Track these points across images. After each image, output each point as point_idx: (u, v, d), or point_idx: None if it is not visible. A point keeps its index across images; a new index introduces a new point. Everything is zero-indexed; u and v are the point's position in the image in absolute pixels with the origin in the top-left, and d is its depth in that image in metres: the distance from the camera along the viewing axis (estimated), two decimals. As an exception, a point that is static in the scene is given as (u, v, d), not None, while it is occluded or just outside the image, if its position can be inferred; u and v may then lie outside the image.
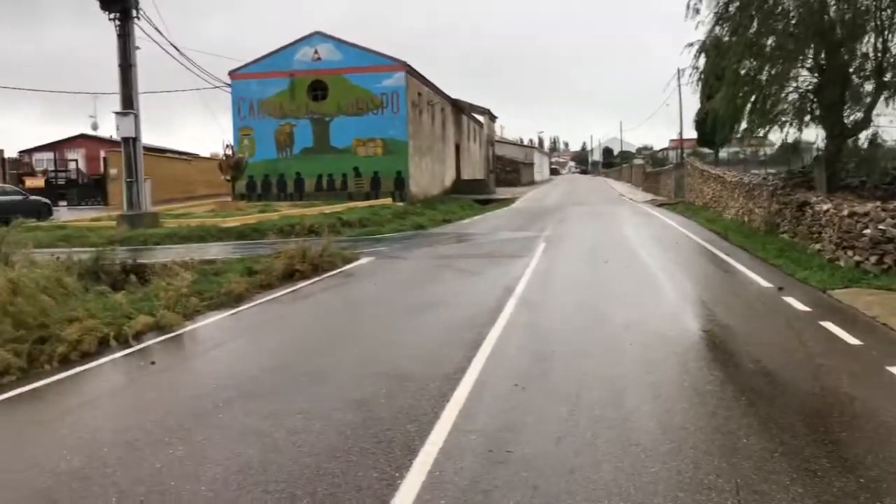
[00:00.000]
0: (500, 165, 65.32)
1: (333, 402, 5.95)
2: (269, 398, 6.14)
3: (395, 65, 34.23)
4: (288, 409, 5.82)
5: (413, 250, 17.44)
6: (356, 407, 5.82)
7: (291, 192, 34.92)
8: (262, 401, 6.07)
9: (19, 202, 26.24)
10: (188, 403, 6.07)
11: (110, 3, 21.52)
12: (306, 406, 5.88)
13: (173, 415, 5.76)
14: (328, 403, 5.94)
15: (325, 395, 6.19)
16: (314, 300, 11.10)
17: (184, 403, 6.08)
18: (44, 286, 9.07)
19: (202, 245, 18.53)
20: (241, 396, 6.21)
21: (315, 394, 6.23)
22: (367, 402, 5.95)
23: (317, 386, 6.46)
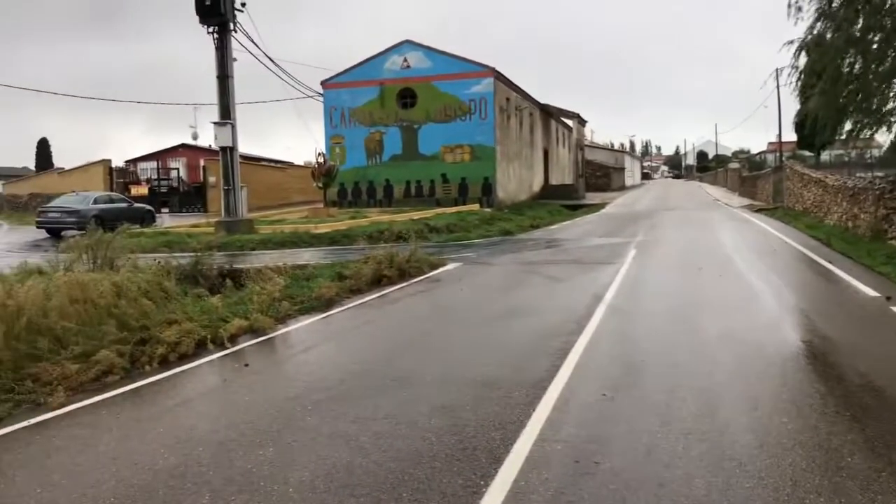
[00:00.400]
0: (590, 170, 64.43)
1: (419, 408, 5.97)
2: (357, 402, 6.21)
3: (483, 71, 34.29)
4: (375, 413, 5.87)
5: (500, 256, 17.38)
6: (442, 413, 5.81)
7: (381, 198, 35.49)
8: (349, 404, 6.14)
9: (125, 209, 27.60)
10: (279, 405, 6.21)
11: (209, 17, 22.39)
12: (393, 410, 5.91)
13: (264, 416, 5.90)
14: (414, 408, 5.96)
15: (411, 400, 6.22)
16: (401, 305, 11.20)
17: (274, 405, 6.22)
18: (145, 290, 9.50)
19: (295, 250, 19.01)
20: (329, 399, 6.31)
21: (401, 398, 6.26)
22: (453, 408, 5.94)
23: (403, 391, 6.50)
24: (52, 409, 6.33)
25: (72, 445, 5.41)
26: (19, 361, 7.23)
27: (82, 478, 4.79)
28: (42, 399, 6.58)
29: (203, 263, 12.85)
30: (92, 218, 23.85)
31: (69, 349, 7.63)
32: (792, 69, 18.05)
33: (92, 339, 7.91)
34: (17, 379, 6.91)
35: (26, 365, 7.23)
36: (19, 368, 7.12)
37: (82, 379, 7.13)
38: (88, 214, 24.61)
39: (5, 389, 6.62)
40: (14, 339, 7.34)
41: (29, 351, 7.41)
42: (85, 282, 8.57)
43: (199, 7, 22.08)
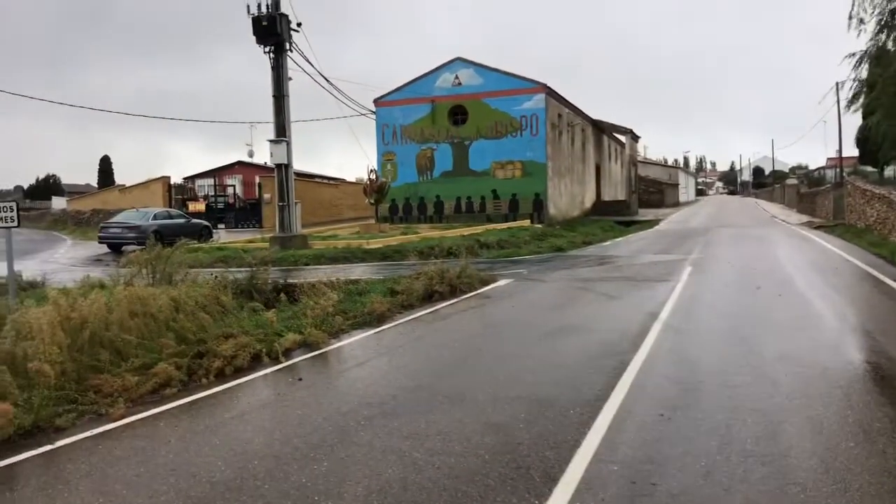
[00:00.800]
0: (643, 186, 63.71)
1: (472, 425, 5.94)
2: (409, 418, 6.21)
3: (534, 87, 34.29)
4: (427, 429, 5.86)
5: (551, 272, 17.25)
6: (495, 430, 5.77)
7: (431, 214, 35.65)
8: (402, 420, 6.15)
9: (183, 225, 28.25)
10: (332, 420, 6.24)
11: (266, 37, 22.87)
12: (445, 428, 5.89)
13: (318, 431, 5.94)
14: (467, 426, 5.93)
15: (463, 417, 6.19)
16: (452, 321, 11.19)
17: (328, 420, 6.26)
18: (203, 304, 9.69)
19: (347, 266, 19.19)
20: (382, 415, 6.32)
21: (454, 415, 6.24)
22: (506, 426, 5.89)
23: (455, 407, 6.47)
24: (113, 420, 6.49)
25: (132, 456, 5.52)
26: (82, 373, 7.43)
27: (142, 489, 4.88)
28: (103, 410, 6.75)
29: (258, 278, 13.05)
30: (151, 233, 24.46)
31: (129, 361, 7.81)
32: (854, 82, 17.59)
33: (151, 351, 8.10)
34: (81, 390, 7.11)
35: (88, 376, 7.42)
36: (82, 380, 7.32)
37: (141, 391, 7.29)
38: (148, 230, 25.25)
39: (69, 400, 6.81)
40: (77, 351, 7.55)
41: (91, 363, 7.61)
42: (144, 296, 8.78)
43: (257, 28, 22.57)
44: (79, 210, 52.05)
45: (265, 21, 22.50)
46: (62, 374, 7.01)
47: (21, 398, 6.46)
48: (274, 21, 22.48)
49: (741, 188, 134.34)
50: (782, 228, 33.58)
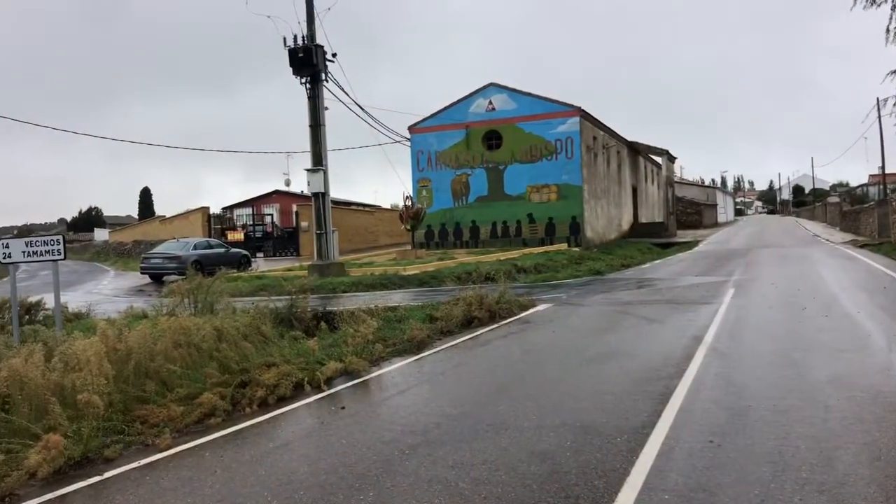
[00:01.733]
0: (681, 207, 63.08)
1: (517, 453, 5.86)
2: (453, 446, 6.15)
3: (569, 110, 34.28)
4: (472, 458, 5.79)
5: (591, 296, 17.10)
6: (541, 459, 5.69)
7: (467, 239, 35.68)
8: (446, 449, 6.09)
9: (223, 254, 28.64)
10: (376, 449, 6.21)
11: (302, 69, 23.25)
12: (491, 456, 5.83)
13: (363, 460, 5.91)
14: (512, 454, 5.85)
15: (508, 445, 6.11)
16: (493, 347, 11.12)
17: (372, 449, 6.23)
18: (244, 333, 9.77)
19: (385, 292, 19.24)
20: (425, 444, 6.28)
21: (499, 443, 6.16)
22: (552, 454, 5.80)
23: (500, 435, 6.40)
24: (159, 450, 6.54)
25: (179, 487, 5.55)
26: (128, 403, 7.52)
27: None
28: (150, 440, 6.81)
29: (298, 306, 13.12)
30: (192, 263, 24.81)
31: (174, 391, 7.90)
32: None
33: (195, 381, 8.17)
34: (127, 420, 7.19)
35: (134, 407, 7.51)
36: (129, 410, 7.41)
37: (187, 421, 7.35)
38: (188, 260, 25.61)
39: (116, 431, 6.88)
40: (124, 382, 7.65)
41: (137, 393, 7.71)
42: (188, 326, 8.88)
43: (293, 60, 22.98)
44: (121, 241, 53.16)
45: (301, 53, 22.90)
46: (109, 404, 7.09)
47: (70, 429, 6.54)
48: (310, 52, 22.87)
49: (781, 207, 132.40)
50: (826, 248, 32.92)
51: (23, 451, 6.08)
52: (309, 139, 24.11)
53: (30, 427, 6.52)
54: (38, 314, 15.01)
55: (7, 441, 6.30)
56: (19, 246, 12.07)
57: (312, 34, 23.34)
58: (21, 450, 6.13)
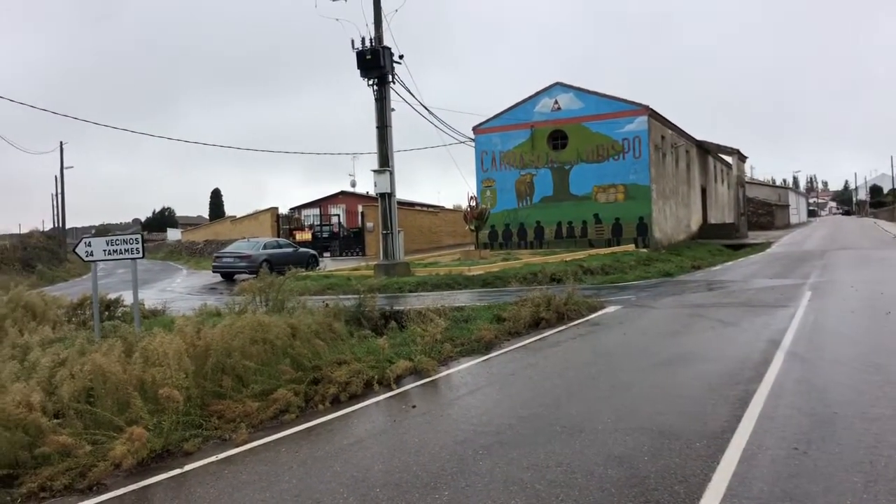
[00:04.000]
0: (752, 208, 61.42)
1: (594, 457, 5.75)
2: (527, 448, 6.08)
3: (636, 109, 33.71)
4: (547, 460, 5.71)
5: (661, 298, 16.75)
6: (618, 463, 5.57)
7: (531, 240, 35.45)
8: (520, 450, 6.02)
9: (292, 254, 29.12)
10: (449, 448, 6.19)
11: (369, 70, 23.45)
12: (566, 459, 5.74)
13: (437, 459, 5.90)
14: (588, 457, 5.75)
15: (583, 448, 6.01)
16: (562, 349, 10.98)
17: (445, 448, 6.21)
18: (316, 331, 9.88)
19: (450, 292, 19.25)
20: (499, 444, 6.22)
21: (573, 446, 6.06)
22: (630, 458, 5.68)
23: (575, 438, 6.30)
24: (236, 445, 6.65)
25: (256, 481, 5.63)
26: (206, 398, 7.69)
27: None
28: (227, 435, 6.94)
29: (366, 305, 13.24)
30: (262, 262, 25.36)
31: (250, 387, 8.04)
32: None
33: (270, 378, 8.30)
34: (205, 415, 7.34)
35: (211, 402, 7.67)
36: (206, 405, 7.57)
37: (262, 417, 7.47)
38: (259, 259, 26.17)
39: (195, 425, 7.04)
40: (202, 378, 7.82)
41: (214, 389, 7.87)
42: (265, 323, 9.02)
43: (361, 62, 23.19)
44: (193, 241, 54.67)
45: (369, 55, 23.10)
46: (188, 399, 7.25)
47: (151, 422, 6.72)
48: (377, 54, 23.05)
49: (857, 208, 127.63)
50: (908, 250, 31.54)
51: (107, 443, 6.26)
52: (375, 140, 24.30)
53: (113, 419, 6.72)
54: (117, 310, 15.53)
55: (92, 432, 6.50)
56: (101, 245, 12.50)
57: (380, 36, 23.54)
58: (105, 441, 6.32)
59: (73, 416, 6.65)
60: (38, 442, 6.03)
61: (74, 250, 12.02)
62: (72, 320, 14.59)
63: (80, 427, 6.53)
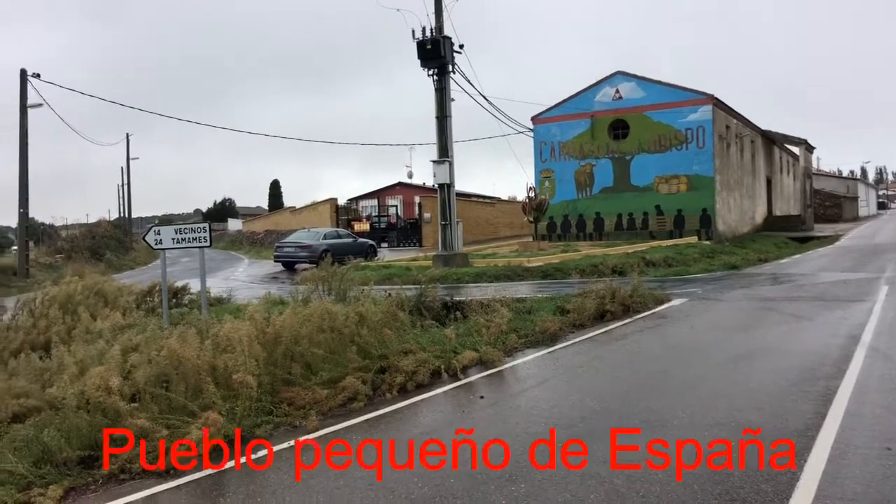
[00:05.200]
0: (819, 200, 59.54)
1: (671, 452, 5.58)
2: (602, 441, 5.94)
3: (700, 98, 32.91)
4: (623, 455, 5.56)
5: (728, 291, 16.31)
6: (699, 459, 5.39)
7: (591, 231, 35.00)
8: (594, 443, 5.88)
9: (351, 244, 29.34)
10: (522, 440, 6.08)
11: (430, 61, 23.37)
12: (643, 453, 5.57)
13: (509, 451, 5.79)
14: (665, 453, 5.58)
15: (659, 443, 5.83)
16: (630, 342, 10.75)
17: (517, 439, 6.10)
18: (382, 320, 9.87)
19: (509, 284, 19.08)
20: (572, 437, 6.09)
21: (649, 441, 5.89)
22: (710, 454, 5.49)
23: (649, 433, 6.12)
24: (307, 431, 6.68)
25: (330, 470, 5.62)
26: (275, 385, 7.74)
27: (342, 500, 4.94)
28: (297, 422, 6.97)
29: (427, 295, 13.20)
30: (322, 252, 25.57)
31: (318, 375, 8.07)
32: None
33: (338, 365, 8.32)
34: (275, 402, 7.40)
35: (281, 389, 7.73)
36: (276, 392, 7.62)
37: (331, 404, 7.49)
38: (319, 249, 26.40)
39: (266, 412, 7.09)
40: (271, 365, 7.88)
41: (283, 375, 7.92)
42: (333, 311, 9.05)
43: (421, 52, 23.13)
44: (253, 231, 55.66)
45: (429, 45, 23.02)
46: (259, 386, 7.31)
47: (224, 408, 6.79)
48: (438, 44, 22.95)
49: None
50: None
51: (182, 427, 6.34)
52: (434, 131, 24.25)
53: (187, 404, 6.81)
54: (184, 298, 15.86)
55: (167, 417, 6.60)
56: (169, 233, 12.74)
57: (440, 26, 23.44)
58: (180, 425, 6.40)
59: (148, 400, 6.76)
60: (116, 425, 6.13)
61: (144, 238, 12.28)
62: (141, 307, 14.94)
63: (156, 411, 6.64)
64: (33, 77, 29.68)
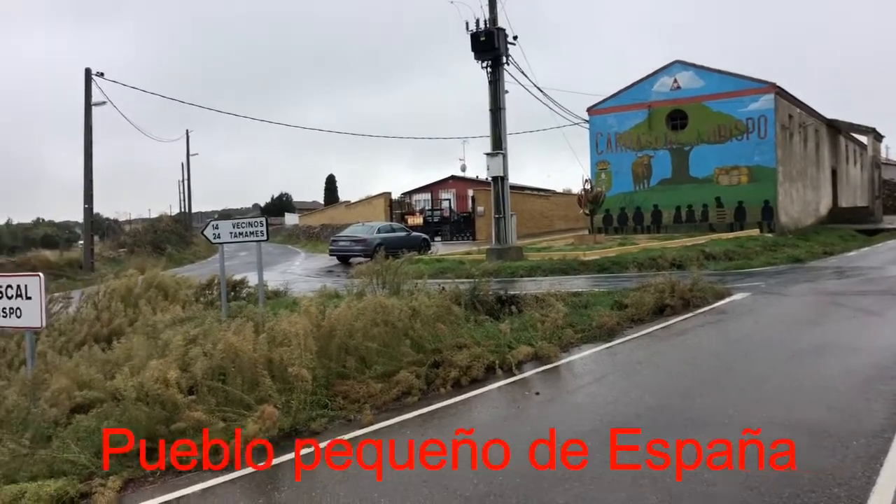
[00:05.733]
0: (888, 191, 57.24)
1: (735, 452, 5.37)
2: (660, 441, 5.74)
3: (762, 87, 31.94)
4: (688, 456, 5.37)
5: (793, 286, 15.79)
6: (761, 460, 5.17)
7: (648, 224, 34.36)
8: (652, 443, 5.70)
9: (405, 238, 29.44)
10: (576, 438, 5.93)
11: (483, 52, 23.20)
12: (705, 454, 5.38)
13: (563, 449, 5.66)
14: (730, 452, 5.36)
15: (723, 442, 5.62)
16: (690, 337, 10.47)
17: (573, 437, 5.95)
18: (436, 314, 9.80)
19: (564, 277, 18.83)
20: (629, 435, 5.91)
21: (710, 441, 5.68)
22: (774, 455, 5.26)
23: (709, 431, 5.91)
24: (362, 425, 6.65)
25: (383, 464, 5.57)
26: (330, 378, 7.75)
27: (397, 498, 4.88)
28: (352, 416, 6.96)
29: (480, 289, 13.08)
30: (376, 246, 25.68)
31: (372, 368, 8.05)
32: None
33: (392, 359, 8.29)
34: (330, 395, 7.40)
35: (335, 382, 7.72)
36: (330, 385, 7.63)
37: (385, 398, 7.46)
38: (373, 243, 26.55)
39: (321, 405, 7.09)
40: (326, 358, 7.89)
41: (338, 369, 7.92)
42: (387, 305, 9.02)
43: (475, 44, 22.97)
44: (309, 225, 56.31)
45: (483, 37, 22.84)
46: (314, 379, 7.31)
47: (280, 401, 6.81)
48: (492, 36, 22.76)
49: None
50: None
51: (239, 420, 6.38)
52: (489, 123, 24.08)
53: (243, 397, 6.86)
54: (242, 291, 16.08)
55: (223, 409, 6.65)
56: (227, 227, 12.94)
57: (494, 17, 23.23)
58: (237, 419, 6.44)
59: (205, 392, 6.82)
60: (174, 417, 6.21)
61: (203, 233, 12.49)
62: (200, 300, 15.22)
63: (213, 404, 6.69)
64: (97, 76, 30.56)
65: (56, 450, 5.61)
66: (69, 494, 5.04)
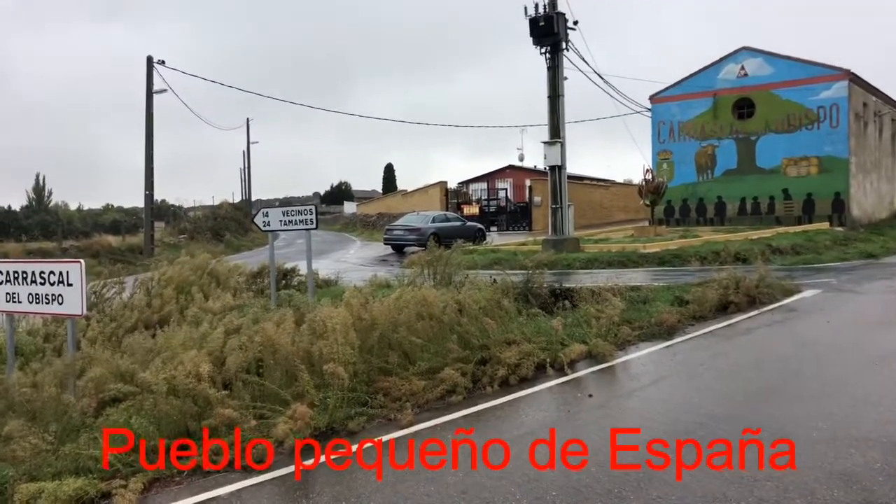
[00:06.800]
0: (968, 183, 54.43)
1: (811, 471, 4.84)
2: (722, 453, 5.24)
3: (834, 74, 30.45)
4: (754, 472, 4.87)
5: (867, 283, 14.86)
6: (845, 482, 4.64)
7: (711, 216, 33.24)
8: (717, 457, 5.20)
9: (459, 227, 29.06)
10: (633, 448, 5.47)
11: (542, 38, 22.56)
12: (776, 472, 4.86)
13: (619, 460, 5.21)
14: (805, 472, 4.84)
15: (797, 459, 5.09)
16: (756, 337, 9.83)
17: (628, 448, 5.49)
18: (484, 307, 9.39)
19: (622, 271, 18.19)
20: (691, 448, 5.42)
21: (784, 457, 5.16)
22: (859, 476, 4.73)
23: (780, 447, 5.38)
24: (401, 426, 6.31)
25: (421, 471, 5.21)
26: (371, 374, 7.42)
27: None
28: (392, 415, 6.62)
29: (533, 281, 12.62)
30: (430, 235, 25.36)
31: (416, 365, 7.69)
32: None
33: (436, 355, 7.92)
34: (370, 392, 7.07)
35: (377, 378, 7.39)
36: (371, 381, 7.30)
37: (428, 397, 7.11)
38: (427, 232, 26.24)
39: (360, 402, 6.77)
40: (367, 352, 7.56)
41: (380, 364, 7.59)
42: (430, 298, 8.65)
43: (534, 29, 22.36)
44: (366, 214, 56.46)
45: (542, 21, 22.21)
46: (354, 374, 7.00)
47: (317, 398, 6.52)
48: (551, 21, 22.12)
49: None
50: None
51: (273, 417, 6.11)
52: (547, 110, 23.46)
53: (279, 393, 6.59)
54: (293, 279, 15.94)
55: (259, 405, 6.39)
56: (277, 215, 12.78)
57: (554, 1, 22.56)
58: (271, 416, 6.17)
59: (240, 387, 6.58)
60: (206, 413, 5.96)
61: (253, 220, 12.34)
62: (251, 288, 15.12)
63: (248, 399, 6.44)
64: (158, 64, 30.93)
65: (82, 445, 5.40)
66: (89, 495, 4.82)
